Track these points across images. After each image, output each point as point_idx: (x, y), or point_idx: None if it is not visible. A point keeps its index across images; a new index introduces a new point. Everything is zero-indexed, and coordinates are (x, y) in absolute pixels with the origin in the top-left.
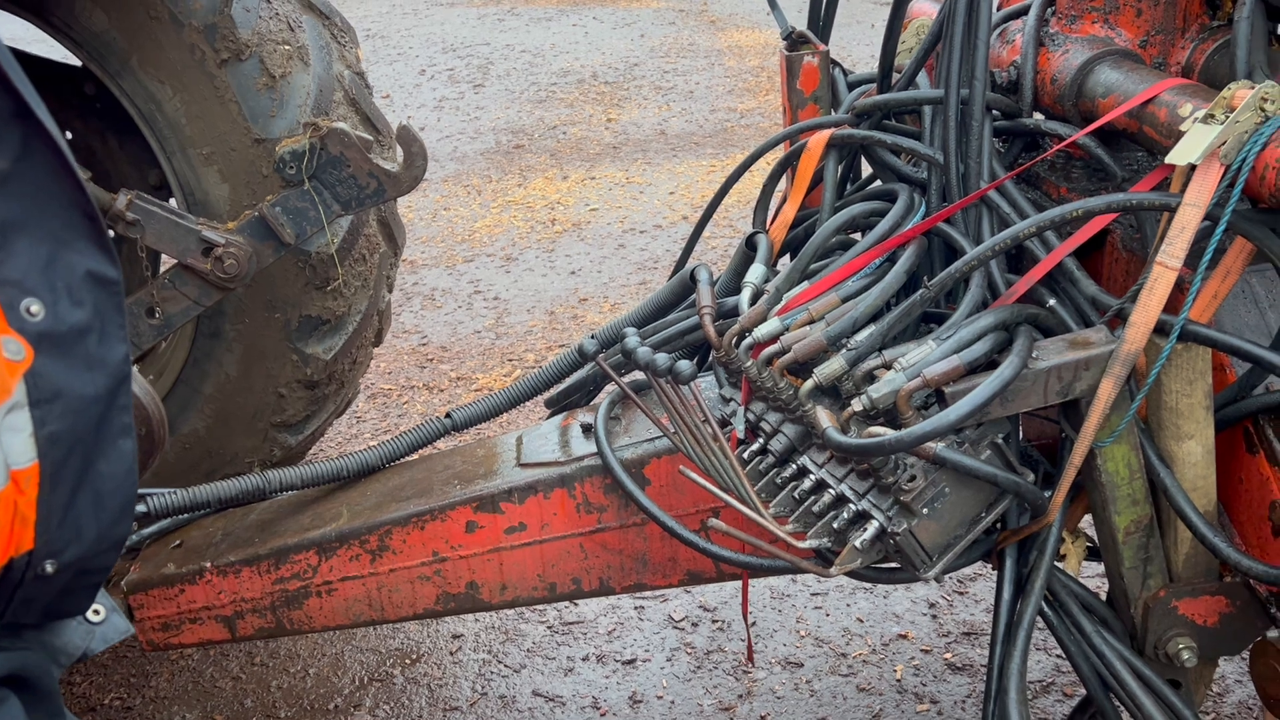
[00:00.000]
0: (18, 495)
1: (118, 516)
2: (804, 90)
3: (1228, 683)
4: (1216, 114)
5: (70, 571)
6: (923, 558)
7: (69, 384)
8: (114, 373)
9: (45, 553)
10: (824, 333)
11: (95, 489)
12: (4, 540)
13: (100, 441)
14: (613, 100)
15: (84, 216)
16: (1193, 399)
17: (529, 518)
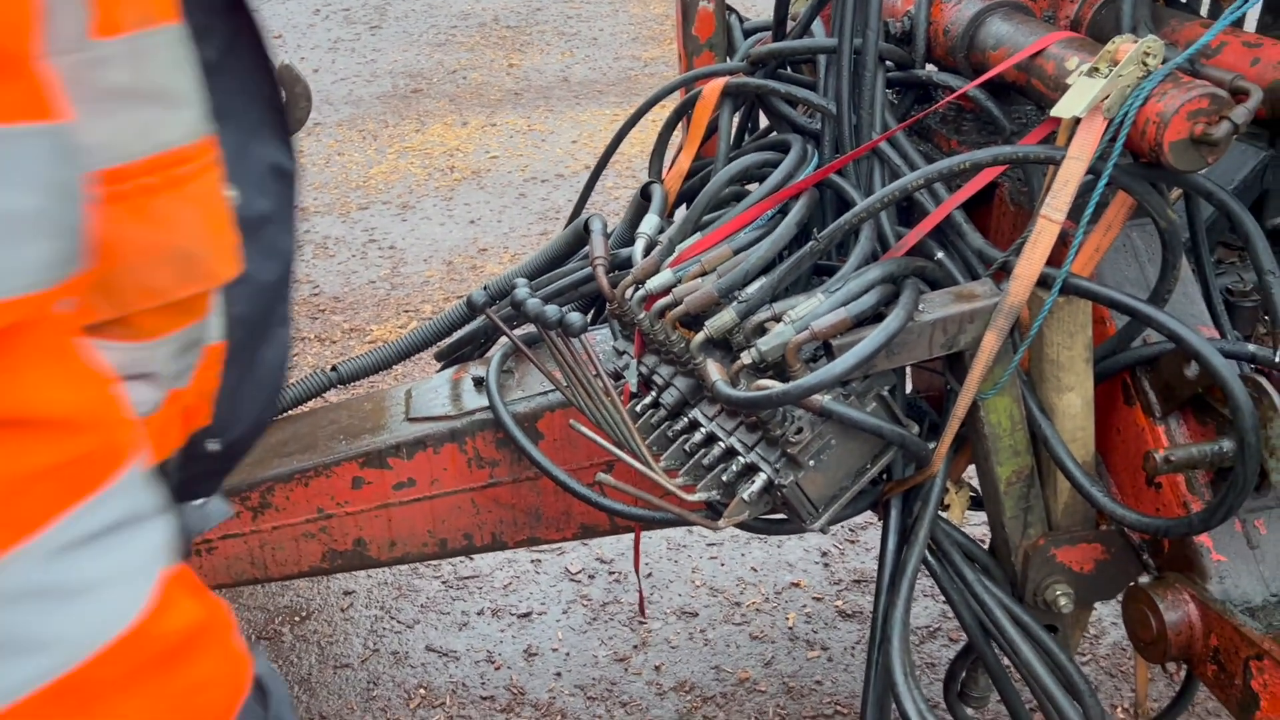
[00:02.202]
0: (209, 371)
1: (269, 402)
2: (699, 37)
3: (1104, 625)
4: (1101, 68)
5: (227, 452)
6: (809, 509)
7: (252, 269)
8: (285, 262)
9: (214, 431)
10: (715, 285)
11: (257, 374)
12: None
13: (267, 328)
14: (515, 45)
15: (273, 110)
16: (1073, 351)
17: (418, 473)
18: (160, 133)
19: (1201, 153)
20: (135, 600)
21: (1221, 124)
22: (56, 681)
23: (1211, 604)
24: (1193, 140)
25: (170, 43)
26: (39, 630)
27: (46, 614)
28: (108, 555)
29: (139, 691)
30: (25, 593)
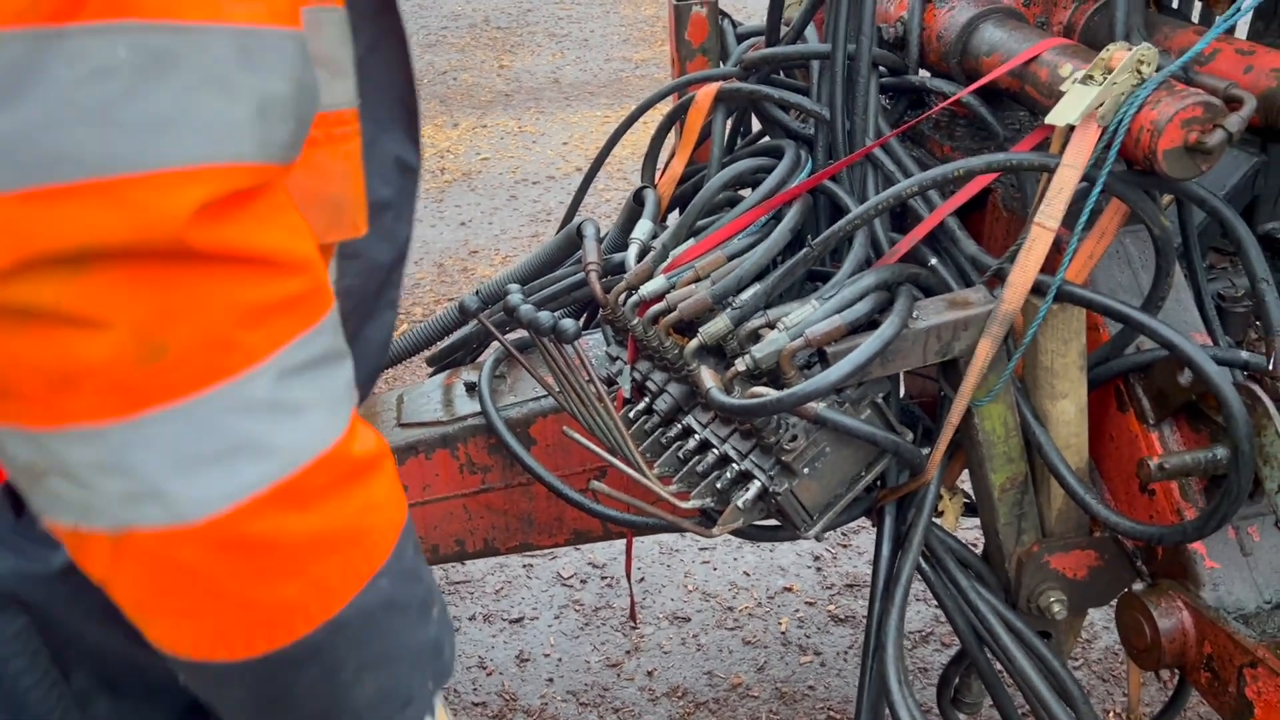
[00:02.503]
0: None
1: (369, 377)
2: (692, 42)
3: (1096, 629)
4: (1095, 75)
5: None
6: (803, 517)
7: (367, 248)
8: (400, 248)
9: None
10: (709, 291)
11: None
12: None
13: (375, 308)
14: (505, 46)
15: (406, 110)
16: (1067, 358)
17: (410, 479)
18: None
19: (1195, 161)
20: (337, 423)
21: (1215, 132)
22: (279, 484)
23: (1205, 611)
24: (1187, 148)
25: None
26: (268, 438)
27: (275, 425)
28: (318, 382)
29: (337, 502)
30: (261, 405)
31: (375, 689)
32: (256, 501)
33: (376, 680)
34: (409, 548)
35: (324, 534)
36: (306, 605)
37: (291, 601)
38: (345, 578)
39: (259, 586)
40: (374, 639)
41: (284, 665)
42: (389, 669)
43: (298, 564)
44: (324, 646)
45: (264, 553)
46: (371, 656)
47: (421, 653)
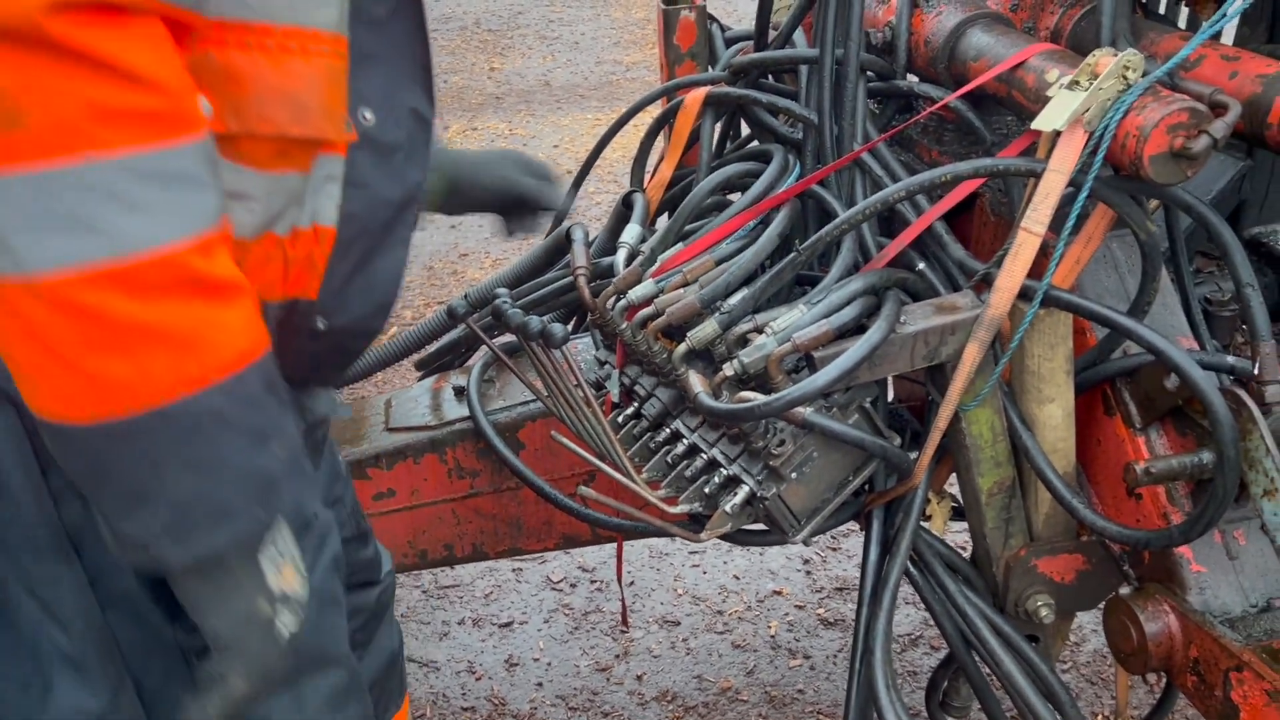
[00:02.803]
0: (314, 245)
1: (379, 309)
2: (681, 46)
3: (1084, 633)
4: (1081, 80)
5: (334, 337)
6: (791, 521)
7: (375, 181)
8: (410, 190)
9: (321, 309)
10: (697, 296)
11: (370, 279)
12: (297, 275)
13: (384, 243)
14: (496, 49)
15: (422, 69)
16: (1054, 363)
17: (398, 483)
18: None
19: (1181, 166)
20: (181, 233)
21: (1201, 138)
22: (110, 265)
23: (1191, 615)
24: (1172, 153)
25: None
26: (105, 221)
27: (114, 212)
28: (168, 194)
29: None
30: (103, 191)
31: (193, 488)
32: (89, 274)
33: (195, 481)
34: (256, 382)
35: (153, 327)
36: (134, 387)
37: (120, 379)
38: (174, 375)
39: (89, 355)
40: (197, 442)
41: (111, 438)
42: (210, 476)
43: (125, 345)
44: (147, 431)
45: (93, 323)
46: (193, 457)
47: (250, 476)
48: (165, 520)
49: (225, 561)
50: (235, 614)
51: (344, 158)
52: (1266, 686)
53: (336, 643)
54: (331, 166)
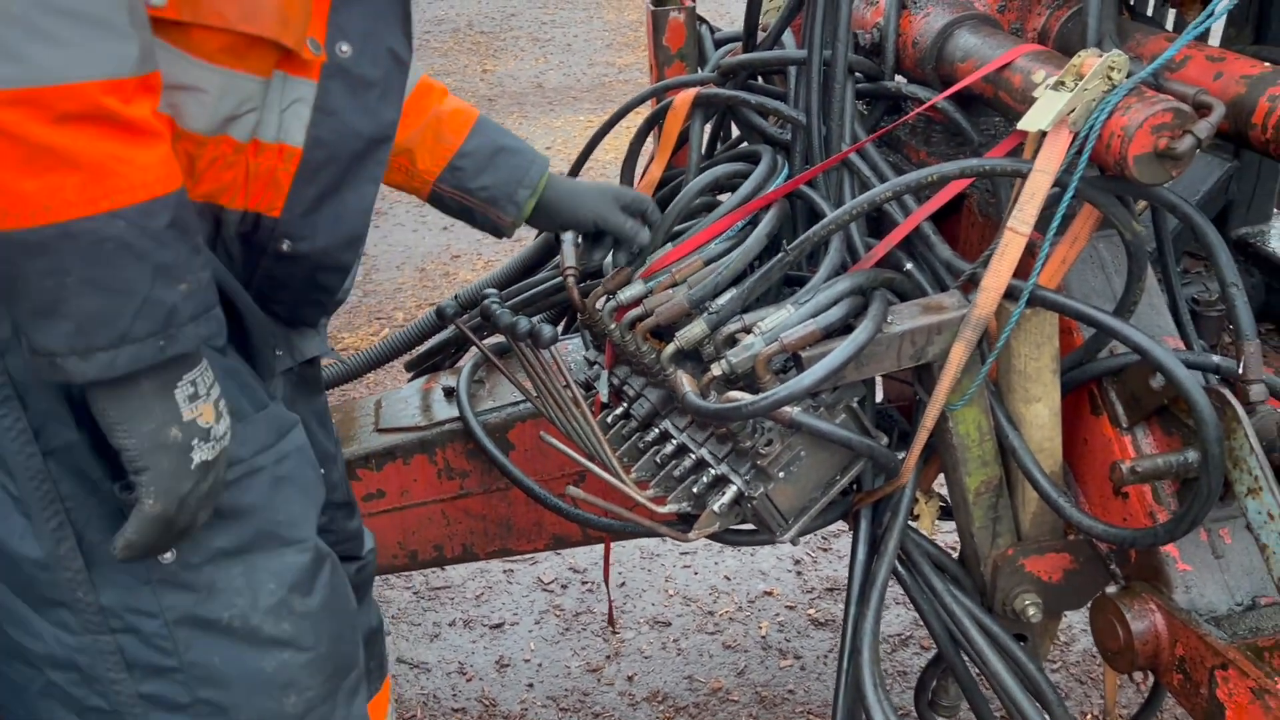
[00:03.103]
0: (279, 162)
1: (348, 241)
2: (670, 47)
3: (1074, 632)
4: (1066, 81)
5: (302, 265)
6: (779, 521)
7: (346, 111)
8: (382, 126)
9: (285, 231)
10: (686, 296)
11: (337, 209)
12: (259, 189)
13: (352, 175)
14: (489, 51)
15: (403, 12)
16: (1040, 362)
17: (388, 484)
18: None
19: (1166, 166)
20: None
21: (1185, 138)
22: (25, 90)
23: (1177, 613)
24: (1157, 154)
25: None
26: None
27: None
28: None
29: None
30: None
31: (95, 307)
32: (7, 96)
33: (98, 300)
34: (162, 218)
35: (62, 151)
36: (42, 202)
37: (29, 194)
38: (81, 197)
39: (4, 170)
40: (100, 261)
41: (21, 247)
42: (111, 297)
43: (36, 164)
44: (52, 244)
45: (8, 141)
46: (95, 276)
47: (152, 306)
48: (69, 334)
49: (136, 385)
50: (145, 435)
51: (315, 83)
52: (1251, 684)
53: (294, 525)
54: (301, 90)
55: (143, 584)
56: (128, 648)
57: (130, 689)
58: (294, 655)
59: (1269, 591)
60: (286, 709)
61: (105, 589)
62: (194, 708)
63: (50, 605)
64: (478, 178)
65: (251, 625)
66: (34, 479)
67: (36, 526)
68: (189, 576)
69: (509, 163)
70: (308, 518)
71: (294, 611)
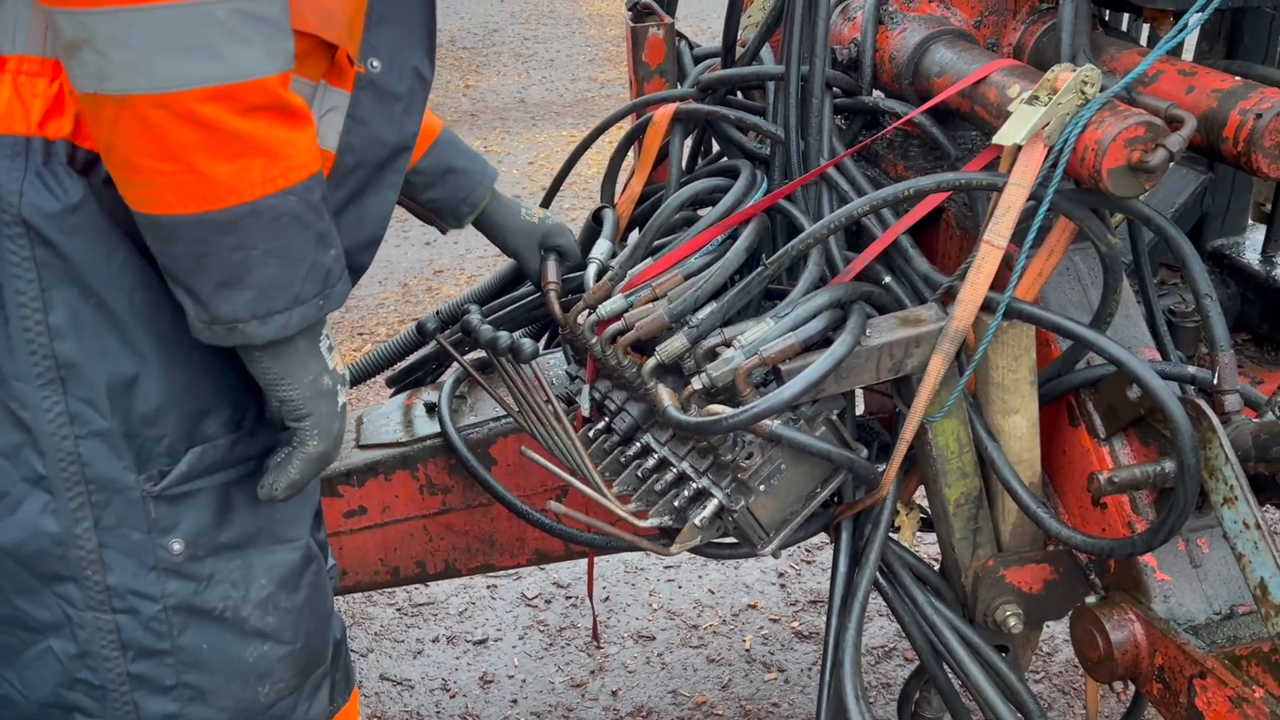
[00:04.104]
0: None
1: (368, 243)
2: (649, 63)
3: (1056, 643)
4: (1040, 96)
5: None
6: (760, 534)
7: (375, 121)
8: (405, 136)
9: None
10: (666, 310)
11: (360, 213)
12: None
13: (376, 181)
14: (471, 66)
15: (427, 33)
16: (1018, 374)
17: (369, 500)
18: None
19: (1139, 179)
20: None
21: (1157, 151)
22: (224, 86)
23: (1156, 623)
24: (1130, 167)
25: None
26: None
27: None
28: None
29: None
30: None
31: (274, 274)
32: (209, 91)
33: (276, 268)
34: (317, 193)
35: (250, 137)
36: (233, 185)
37: (222, 178)
38: (264, 177)
39: (203, 157)
40: (279, 233)
41: (212, 227)
42: (287, 265)
43: (230, 151)
44: (240, 222)
45: (208, 131)
46: (276, 247)
47: (317, 268)
48: (252, 300)
49: (295, 343)
50: (305, 385)
51: (350, 94)
52: (1230, 693)
53: (290, 524)
54: (338, 99)
55: (149, 570)
56: (125, 628)
57: (120, 668)
58: (273, 648)
59: (1246, 600)
60: (259, 698)
61: (113, 570)
62: (177, 690)
63: (59, 579)
64: (427, 191)
65: (241, 616)
66: (64, 460)
67: (59, 504)
68: (193, 568)
69: (457, 182)
70: (303, 517)
71: (279, 606)
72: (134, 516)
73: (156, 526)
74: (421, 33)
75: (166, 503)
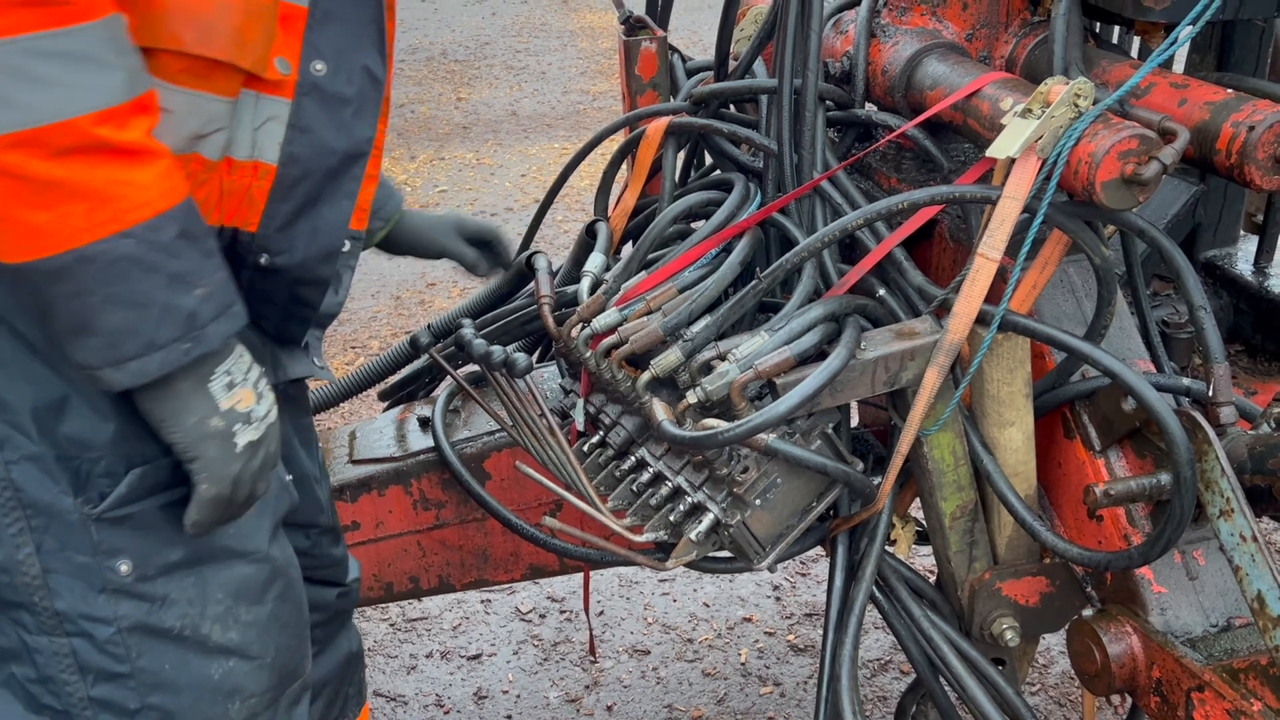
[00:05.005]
0: (253, 179)
1: (325, 255)
2: (642, 76)
3: (1052, 655)
4: (1034, 108)
5: (282, 278)
6: (756, 548)
7: (320, 128)
8: (357, 142)
9: (263, 245)
10: (661, 324)
11: (314, 224)
12: (234, 205)
13: (328, 190)
14: (463, 79)
15: (378, 29)
16: (1013, 387)
17: (362, 516)
18: None
19: (1133, 191)
20: (85, 106)
21: (1151, 164)
22: (23, 132)
23: (1153, 636)
24: (1124, 179)
25: None
26: (12, 95)
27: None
28: (70, 70)
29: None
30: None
31: (119, 320)
32: (8, 139)
33: (121, 314)
34: (168, 232)
35: (67, 183)
36: (55, 232)
37: (44, 226)
38: (90, 223)
39: (16, 207)
40: (117, 279)
41: (44, 276)
42: (133, 310)
43: (46, 199)
44: (69, 270)
45: (15, 181)
46: (116, 293)
47: (172, 312)
48: (101, 349)
49: (174, 385)
50: (189, 429)
51: (290, 101)
52: (1228, 706)
53: (246, 537)
54: (274, 108)
55: (98, 592)
56: (81, 651)
57: (82, 692)
58: (239, 663)
59: (1243, 612)
60: (230, 714)
61: (61, 595)
62: (143, 713)
63: (11, 606)
64: None
65: (201, 633)
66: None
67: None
68: (144, 588)
69: None
70: (260, 529)
71: (240, 620)
72: (76, 540)
73: (101, 549)
74: (372, 29)
75: (109, 525)
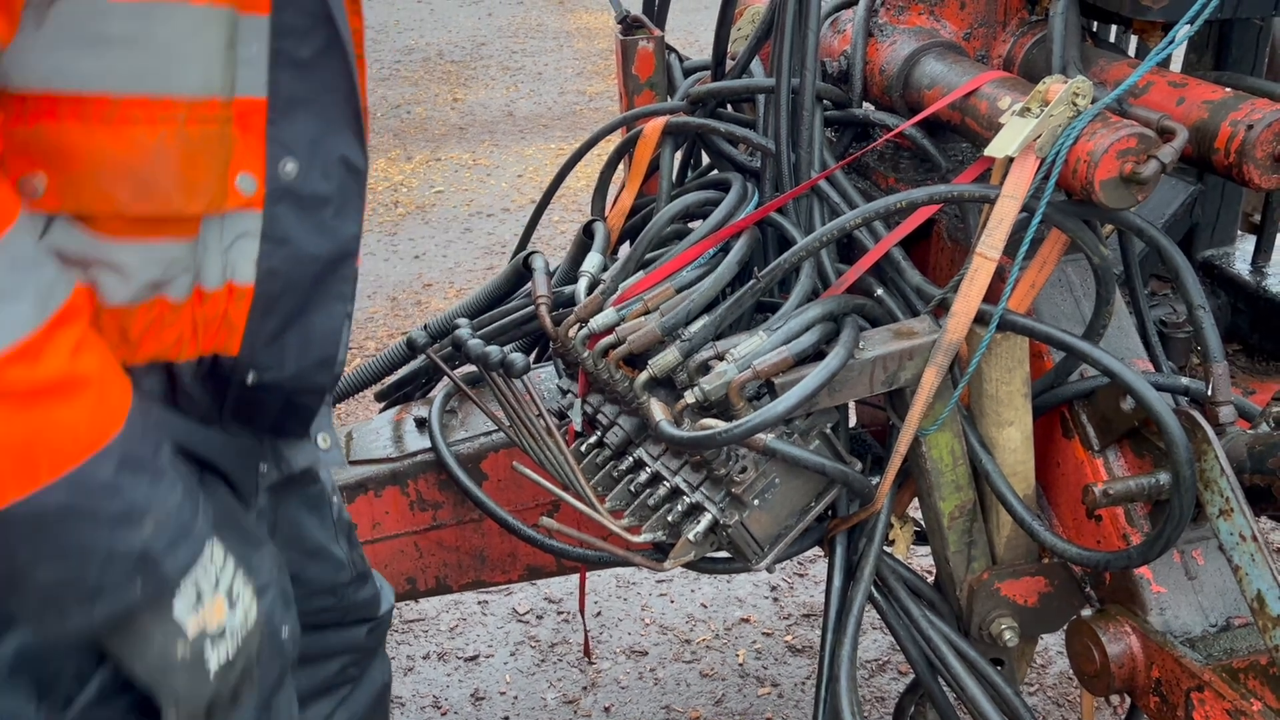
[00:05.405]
0: (228, 304)
1: (320, 364)
2: (639, 76)
3: (1050, 655)
4: (1032, 107)
5: (274, 392)
6: (754, 549)
7: (299, 237)
8: (341, 243)
9: (248, 364)
10: (658, 324)
11: (304, 334)
12: (211, 334)
13: (317, 298)
14: (459, 80)
15: (353, 112)
16: (1012, 386)
17: (359, 517)
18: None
19: (1131, 190)
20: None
21: (1149, 163)
22: None
23: (1152, 636)
24: (1122, 178)
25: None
26: None
27: None
28: None
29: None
30: None
31: (57, 576)
32: None
33: (57, 569)
34: (108, 469)
35: None
36: None
37: None
38: (11, 482)
39: None
40: (47, 537)
41: None
42: (71, 563)
43: None
44: None
45: None
46: (48, 550)
47: (118, 557)
48: (38, 604)
49: (130, 621)
50: (150, 662)
51: (260, 213)
52: (1227, 706)
53: None
54: (245, 224)
55: None
56: None
57: None
58: None
59: (1242, 612)
60: None
61: None
62: None
63: None
64: None
65: None
66: None
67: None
68: None
69: None
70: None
71: None
72: None
73: None
74: (345, 110)
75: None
